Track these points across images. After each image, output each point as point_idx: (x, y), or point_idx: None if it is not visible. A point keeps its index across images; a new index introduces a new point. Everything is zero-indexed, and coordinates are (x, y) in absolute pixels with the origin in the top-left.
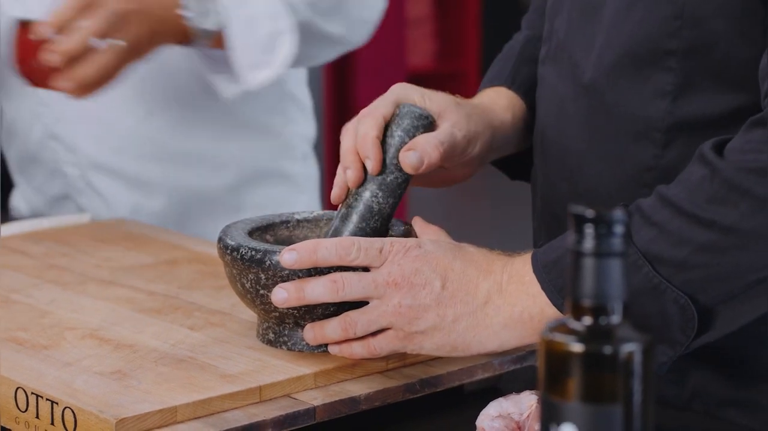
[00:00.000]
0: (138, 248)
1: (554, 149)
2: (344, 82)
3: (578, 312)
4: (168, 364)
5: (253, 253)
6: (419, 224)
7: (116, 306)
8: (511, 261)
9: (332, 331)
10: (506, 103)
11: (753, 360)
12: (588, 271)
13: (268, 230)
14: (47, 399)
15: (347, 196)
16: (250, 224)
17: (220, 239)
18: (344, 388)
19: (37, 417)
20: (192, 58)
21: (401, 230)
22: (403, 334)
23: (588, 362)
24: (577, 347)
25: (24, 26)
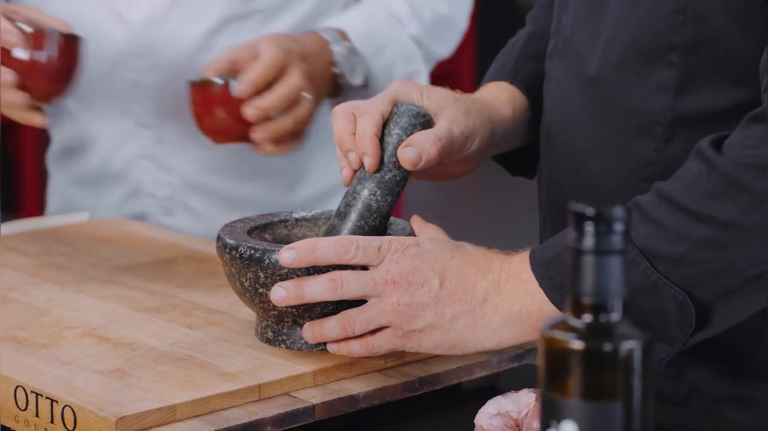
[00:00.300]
0: (136, 247)
1: (559, 143)
2: None
3: (578, 310)
4: (167, 362)
5: (252, 252)
6: (417, 222)
7: (115, 305)
8: (509, 259)
9: (331, 329)
10: (507, 98)
11: (751, 357)
12: (588, 269)
13: (267, 228)
14: (47, 398)
15: (346, 194)
16: (249, 222)
17: (219, 237)
18: (343, 386)
19: (37, 416)
20: None
21: (400, 228)
22: (402, 332)
23: (588, 359)
24: (578, 344)
25: (204, 85)
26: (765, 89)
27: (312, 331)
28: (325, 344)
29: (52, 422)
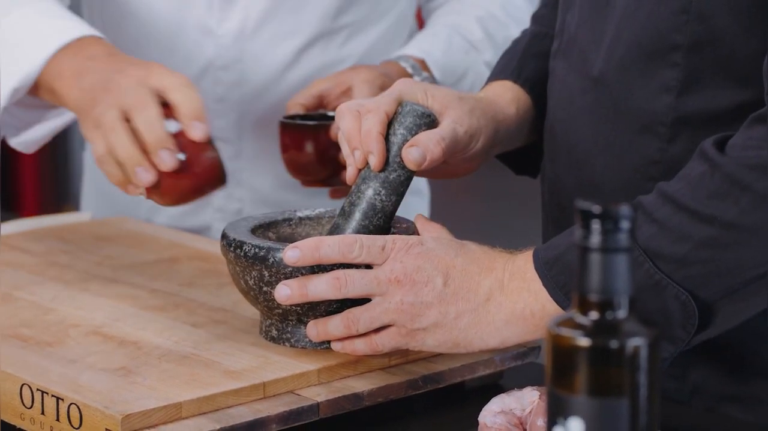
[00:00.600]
0: (138, 245)
1: (562, 142)
2: None
3: (585, 307)
4: (172, 361)
5: (257, 250)
6: (421, 221)
7: (119, 303)
8: (513, 259)
9: (335, 328)
10: (511, 96)
11: (753, 356)
12: (594, 266)
13: (271, 227)
14: (53, 396)
15: (350, 194)
16: (253, 221)
17: (224, 236)
18: (347, 384)
19: (43, 413)
20: None
21: (403, 227)
22: (406, 331)
23: (595, 356)
24: (584, 341)
25: (296, 128)
26: None
27: (316, 329)
28: (330, 342)
29: (58, 420)
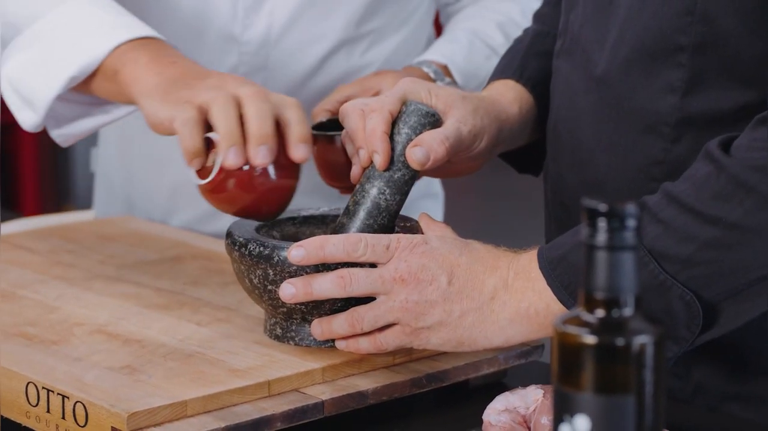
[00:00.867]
0: (142, 244)
1: (566, 141)
2: None
3: (591, 305)
4: (177, 359)
5: (262, 249)
6: (425, 220)
7: (123, 302)
8: (517, 258)
9: (339, 326)
10: (514, 96)
11: (756, 355)
12: (601, 264)
13: (275, 226)
14: (58, 394)
15: (354, 193)
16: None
17: (229, 235)
18: (352, 383)
19: (48, 412)
20: None
21: (408, 226)
22: (410, 329)
23: (601, 353)
24: (591, 339)
25: (326, 139)
26: None
27: (321, 328)
28: (334, 340)
29: (64, 418)
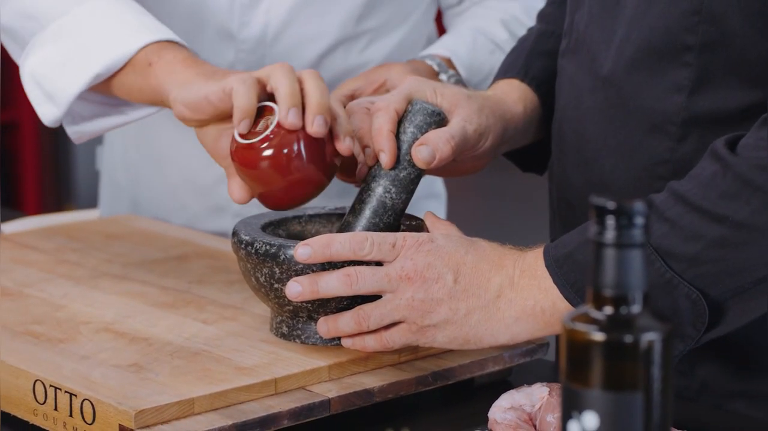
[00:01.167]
0: (147, 243)
1: (571, 141)
2: None
3: (599, 302)
4: (183, 357)
5: (268, 247)
6: (431, 219)
7: (129, 300)
8: (523, 256)
9: (345, 324)
10: (518, 95)
11: (760, 353)
12: (609, 261)
13: (281, 225)
14: (66, 392)
15: (360, 191)
16: (263, 219)
17: (235, 233)
18: (358, 380)
19: (56, 409)
20: None
21: (413, 225)
22: (416, 327)
23: (609, 350)
24: (599, 336)
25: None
26: None
27: (327, 326)
28: (340, 339)
29: (71, 416)
